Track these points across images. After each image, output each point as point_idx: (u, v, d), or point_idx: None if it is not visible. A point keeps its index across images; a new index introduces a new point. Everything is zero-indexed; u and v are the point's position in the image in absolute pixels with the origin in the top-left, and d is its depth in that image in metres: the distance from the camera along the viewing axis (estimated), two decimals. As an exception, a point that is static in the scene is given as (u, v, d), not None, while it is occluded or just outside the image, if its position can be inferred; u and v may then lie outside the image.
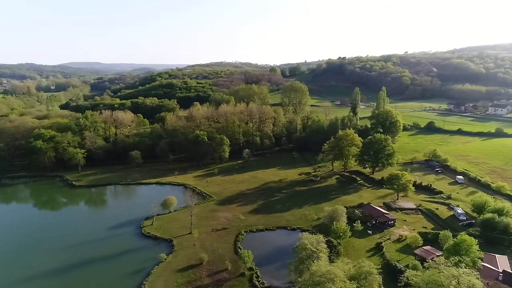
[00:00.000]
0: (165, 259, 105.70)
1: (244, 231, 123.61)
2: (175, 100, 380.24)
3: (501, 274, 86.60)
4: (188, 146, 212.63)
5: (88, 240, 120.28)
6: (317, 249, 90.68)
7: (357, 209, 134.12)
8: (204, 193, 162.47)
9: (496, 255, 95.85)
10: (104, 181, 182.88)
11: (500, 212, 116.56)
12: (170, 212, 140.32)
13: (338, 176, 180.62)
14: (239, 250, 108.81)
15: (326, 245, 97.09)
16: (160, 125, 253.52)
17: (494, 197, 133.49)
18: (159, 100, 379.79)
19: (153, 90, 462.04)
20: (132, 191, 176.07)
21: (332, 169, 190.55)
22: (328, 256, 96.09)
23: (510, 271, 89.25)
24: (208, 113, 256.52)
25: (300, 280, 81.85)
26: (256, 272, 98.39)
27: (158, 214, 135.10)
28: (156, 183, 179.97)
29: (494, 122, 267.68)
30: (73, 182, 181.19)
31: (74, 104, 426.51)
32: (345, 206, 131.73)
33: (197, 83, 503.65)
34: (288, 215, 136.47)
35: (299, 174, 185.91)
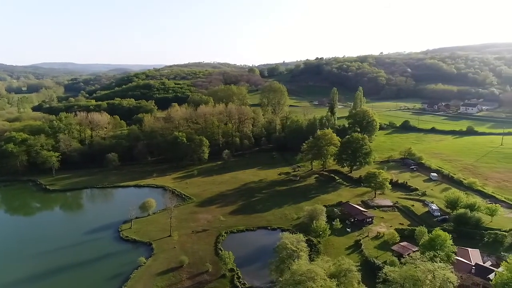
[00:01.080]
0: (145, 263, 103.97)
1: (225, 232, 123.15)
2: (153, 101, 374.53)
3: (473, 267, 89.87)
4: (166, 148, 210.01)
5: (64, 246, 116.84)
6: (298, 248, 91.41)
7: (336, 207, 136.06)
8: (184, 195, 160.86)
9: (469, 249, 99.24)
10: (80, 185, 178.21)
11: (472, 207, 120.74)
12: (149, 215, 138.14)
13: (317, 175, 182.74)
14: (220, 251, 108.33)
15: (306, 244, 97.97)
16: (138, 127, 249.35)
17: (466, 193, 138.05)
18: (136, 101, 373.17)
19: (130, 91, 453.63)
20: (109, 194, 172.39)
21: (311, 169, 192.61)
22: (309, 255, 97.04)
23: (482, 264, 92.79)
24: (186, 114, 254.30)
25: (281, 279, 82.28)
26: (237, 273, 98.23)
27: (136, 217, 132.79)
28: (134, 185, 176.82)
29: (465, 120, 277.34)
30: (47, 187, 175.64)
31: (47, 106, 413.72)
32: (324, 205, 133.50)
33: (175, 83, 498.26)
34: (268, 215, 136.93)
35: (279, 174, 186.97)
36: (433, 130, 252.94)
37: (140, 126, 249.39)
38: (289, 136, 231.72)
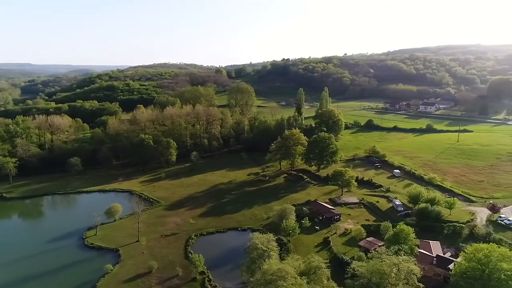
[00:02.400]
0: (111, 270, 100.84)
1: (195, 235, 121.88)
2: (117, 103, 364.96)
3: (434, 259, 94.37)
4: (132, 151, 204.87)
5: (24, 256, 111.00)
6: (268, 248, 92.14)
7: (305, 206, 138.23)
8: (152, 198, 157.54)
9: (430, 242, 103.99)
10: (40, 191, 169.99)
11: (432, 201, 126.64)
12: (115, 220, 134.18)
13: (286, 175, 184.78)
14: (190, 254, 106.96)
15: (276, 244, 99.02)
16: (102, 130, 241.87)
17: (427, 188, 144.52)
18: (99, 104, 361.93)
19: (93, 93, 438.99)
20: (72, 200, 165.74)
21: (280, 168, 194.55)
22: (279, 254, 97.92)
23: (442, 255, 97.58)
24: (153, 116, 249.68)
25: (252, 280, 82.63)
26: (208, 275, 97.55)
27: (102, 223, 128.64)
28: (99, 190, 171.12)
29: (425, 119, 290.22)
30: (4, 194, 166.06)
31: (2, 109, 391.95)
32: (293, 204, 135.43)
33: (140, 85, 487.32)
34: (238, 216, 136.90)
35: (248, 175, 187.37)
36: (395, 129, 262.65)
37: (104, 129, 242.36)
38: (258, 137, 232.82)
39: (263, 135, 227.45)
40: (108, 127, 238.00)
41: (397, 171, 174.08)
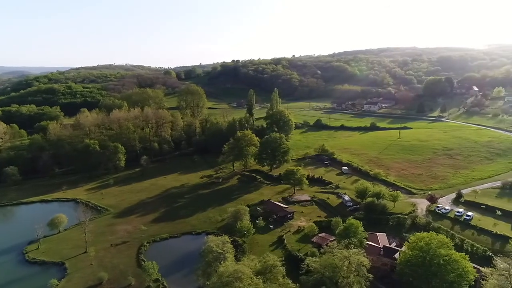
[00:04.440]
0: (57, 285, 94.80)
1: (147, 242, 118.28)
2: (58, 107, 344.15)
3: (382, 250, 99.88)
4: (77, 157, 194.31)
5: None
6: (223, 250, 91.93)
7: (259, 206, 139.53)
8: (99, 206, 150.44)
9: (377, 234, 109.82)
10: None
11: (378, 195, 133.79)
12: (59, 232, 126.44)
13: (239, 176, 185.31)
14: (143, 262, 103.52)
15: (231, 245, 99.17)
16: (42, 136, 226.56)
17: (373, 183, 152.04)
18: (38, 108, 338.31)
19: (30, 97, 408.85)
20: (9, 213, 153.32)
21: (233, 170, 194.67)
22: (235, 256, 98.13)
23: (388, 245, 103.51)
24: (98, 120, 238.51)
25: (208, 283, 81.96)
26: (163, 282, 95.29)
27: (45, 236, 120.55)
28: (41, 201, 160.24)
29: (369, 117, 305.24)
30: None
31: None
32: (247, 205, 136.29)
33: (84, 87, 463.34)
34: (192, 219, 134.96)
35: (201, 178, 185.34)
36: (342, 127, 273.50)
37: (44, 134, 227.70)
38: (210, 139, 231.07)
39: (215, 137, 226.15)
40: (49, 133, 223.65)
41: (345, 168, 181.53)
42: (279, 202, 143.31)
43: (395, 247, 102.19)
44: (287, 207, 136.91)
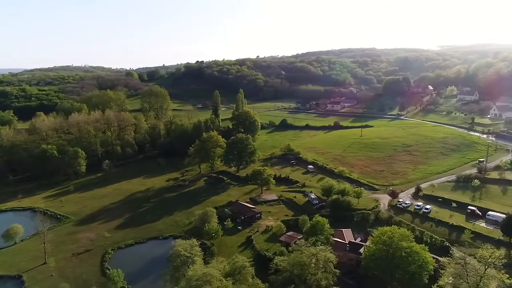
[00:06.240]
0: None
1: (112, 250, 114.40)
2: (11, 110, 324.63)
3: (347, 245, 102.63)
4: (33, 164, 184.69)
5: None
6: (192, 254, 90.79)
7: (227, 207, 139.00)
8: (59, 214, 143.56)
9: (343, 230, 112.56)
10: None
11: (342, 193, 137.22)
12: (15, 243, 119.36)
13: (206, 178, 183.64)
14: (107, 271, 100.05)
15: (200, 248, 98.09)
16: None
17: (337, 181, 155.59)
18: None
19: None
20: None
21: (200, 172, 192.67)
22: (203, 258, 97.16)
23: (354, 241, 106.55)
24: (56, 124, 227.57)
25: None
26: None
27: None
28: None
29: (332, 117, 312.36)
30: None
31: None
32: (215, 207, 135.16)
33: (39, 90, 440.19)
34: (159, 224, 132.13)
35: (167, 181, 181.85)
36: (307, 127, 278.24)
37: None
38: (175, 141, 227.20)
39: (180, 139, 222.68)
40: (1, 139, 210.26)
41: (311, 166, 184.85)
42: (246, 202, 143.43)
43: (360, 242, 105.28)
44: (255, 208, 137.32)
